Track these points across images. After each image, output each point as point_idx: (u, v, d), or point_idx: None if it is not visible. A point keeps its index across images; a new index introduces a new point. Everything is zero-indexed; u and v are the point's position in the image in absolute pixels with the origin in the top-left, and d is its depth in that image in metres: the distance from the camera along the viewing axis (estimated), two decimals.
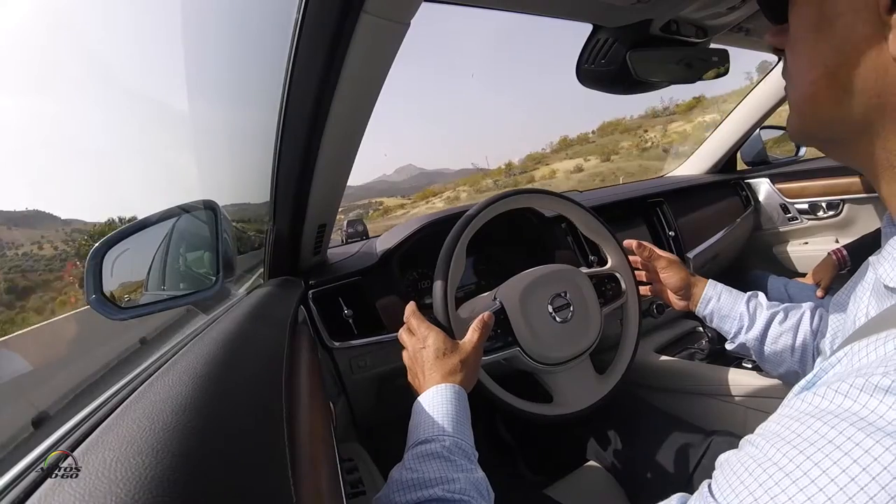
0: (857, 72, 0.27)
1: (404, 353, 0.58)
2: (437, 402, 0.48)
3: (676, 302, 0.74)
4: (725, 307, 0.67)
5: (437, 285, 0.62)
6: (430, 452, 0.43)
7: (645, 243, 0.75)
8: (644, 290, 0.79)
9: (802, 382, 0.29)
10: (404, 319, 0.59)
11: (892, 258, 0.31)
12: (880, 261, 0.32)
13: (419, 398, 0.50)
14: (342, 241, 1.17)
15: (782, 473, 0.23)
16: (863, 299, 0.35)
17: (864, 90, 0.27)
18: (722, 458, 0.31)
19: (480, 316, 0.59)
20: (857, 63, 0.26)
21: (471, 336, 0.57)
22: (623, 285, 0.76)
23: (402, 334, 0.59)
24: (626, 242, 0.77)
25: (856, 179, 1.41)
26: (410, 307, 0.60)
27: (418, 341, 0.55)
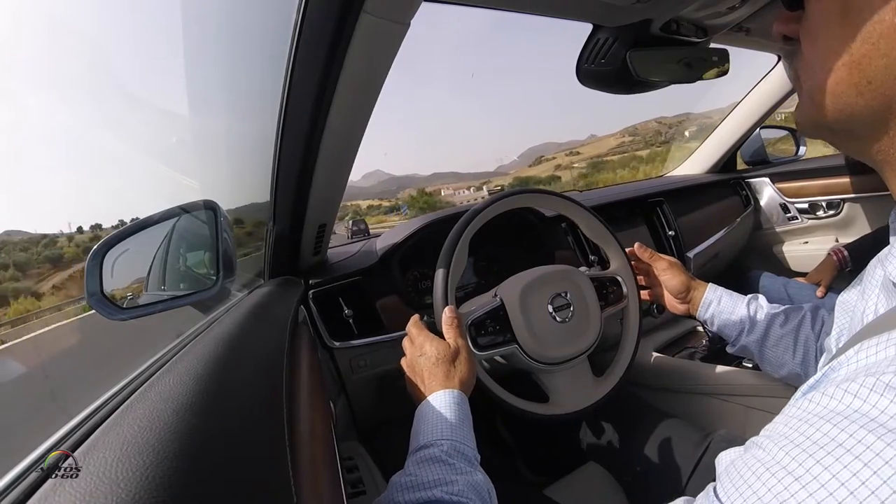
0: (883, 62, 0.25)
1: (403, 361, 0.58)
2: (436, 408, 0.49)
3: (676, 306, 0.73)
4: (726, 311, 0.67)
5: (439, 274, 0.62)
6: (429, 457, 0.43)
7: (645, 246, 0.76)
8: (643, 294, 0.79)
9: (811, 381, 0.29)
10: (406, 330, 0.60)
11: None
12: (889, 258, 0.31)
13: (420, 406, 0.50)
14: (349, 238, 1.22)
15: (790, 477, 0.23)
16: (871, 296, 0.35)
17: (886, 81, 0.26)
18: (727, 459, 0.30)
19: (444, 317, 0.60)
20: (884, 53, 0.25)
21: (447, 334, 0.58)
22: (625, 289, 0.76)
23: (405, 343, 0.60)
24: (627, 251, 0.77)
25: (856, 179, 1.41)
26: (413, 318, 0.61)
27: (416, 349, 0.56)
